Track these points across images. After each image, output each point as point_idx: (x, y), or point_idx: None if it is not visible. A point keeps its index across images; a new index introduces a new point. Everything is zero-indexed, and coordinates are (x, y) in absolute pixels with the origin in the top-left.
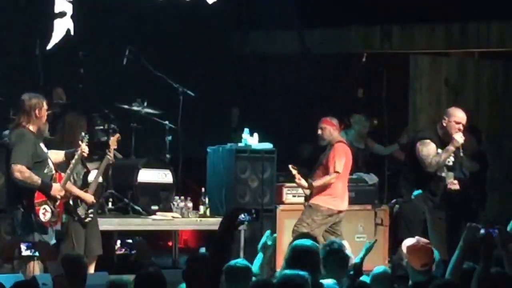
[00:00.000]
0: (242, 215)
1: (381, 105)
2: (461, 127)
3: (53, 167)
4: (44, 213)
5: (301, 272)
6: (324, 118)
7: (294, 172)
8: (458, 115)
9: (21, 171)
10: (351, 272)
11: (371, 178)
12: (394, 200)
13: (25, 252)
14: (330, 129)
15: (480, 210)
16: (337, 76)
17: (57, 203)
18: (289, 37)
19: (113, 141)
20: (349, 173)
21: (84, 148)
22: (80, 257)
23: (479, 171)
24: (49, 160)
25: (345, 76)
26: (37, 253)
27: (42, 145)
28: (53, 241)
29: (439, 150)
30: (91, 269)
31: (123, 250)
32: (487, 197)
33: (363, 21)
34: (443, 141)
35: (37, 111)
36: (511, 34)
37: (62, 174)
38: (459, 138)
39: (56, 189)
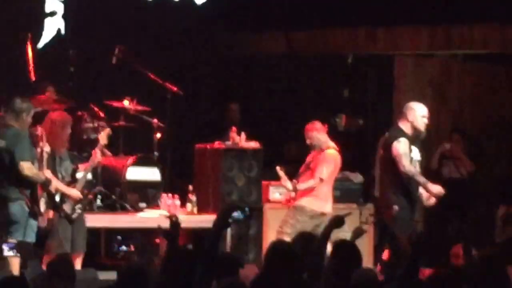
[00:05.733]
0: (236, 213)
1: (366, 106)
2: (426, 121)
3: (37, 165)
4: (42, 204)
5: None
6: (306, 126)
7: (281, 173)
8: (422, 109)
9: (29, 167)
10: None
11: (357, 177)
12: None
13: (7, 253)
14: (314, 133)
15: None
16: (322, 76)
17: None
18: (275, 38)
19: (103, 136)
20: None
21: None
22: (66, 255)
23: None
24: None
25: (331, 77)
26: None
27: None
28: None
29: (413, 147)
30: (77, 266)
31: (112, 247)
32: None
33: (348, 22)
34: (413, 137)
35: (24, 115)
36: (494, 36)
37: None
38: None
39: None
